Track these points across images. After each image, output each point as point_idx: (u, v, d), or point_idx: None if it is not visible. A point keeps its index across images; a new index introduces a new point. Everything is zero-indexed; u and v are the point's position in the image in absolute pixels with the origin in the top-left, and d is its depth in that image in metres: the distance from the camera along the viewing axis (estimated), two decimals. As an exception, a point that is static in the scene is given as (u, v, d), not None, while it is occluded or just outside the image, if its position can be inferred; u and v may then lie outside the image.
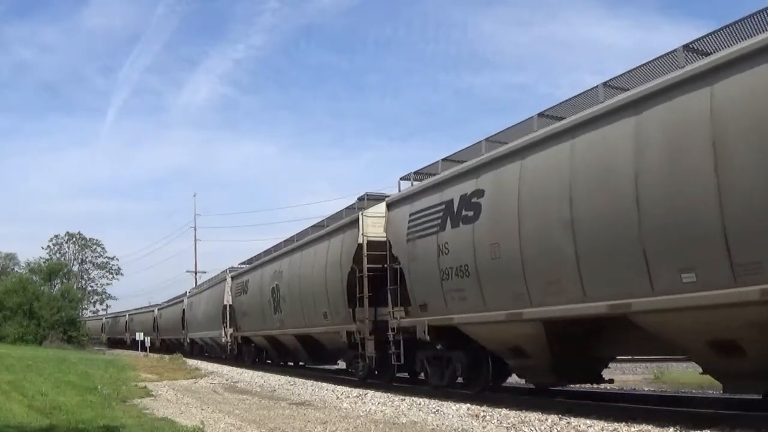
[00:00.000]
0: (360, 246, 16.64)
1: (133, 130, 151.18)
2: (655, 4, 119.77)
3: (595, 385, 13.03)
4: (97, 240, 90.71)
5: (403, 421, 10.27)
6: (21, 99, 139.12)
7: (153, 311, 54.66)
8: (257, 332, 26.42)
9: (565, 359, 11.35)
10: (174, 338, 47.13)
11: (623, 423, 8.77)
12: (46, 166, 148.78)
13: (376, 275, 16.45)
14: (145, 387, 16.84)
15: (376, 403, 12.93)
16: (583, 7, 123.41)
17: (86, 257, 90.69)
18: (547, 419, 9.58)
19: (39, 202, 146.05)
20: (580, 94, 10.99)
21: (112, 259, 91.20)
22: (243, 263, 31.53)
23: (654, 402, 11.45)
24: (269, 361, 27.67)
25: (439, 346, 14.16)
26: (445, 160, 14.28)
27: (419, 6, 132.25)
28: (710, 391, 12.07)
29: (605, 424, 8.78)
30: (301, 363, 25.83)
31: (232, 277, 31.15)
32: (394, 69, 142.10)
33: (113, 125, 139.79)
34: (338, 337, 18.11)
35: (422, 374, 15.21)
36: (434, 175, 14.59)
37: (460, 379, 14.05)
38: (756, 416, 8.38)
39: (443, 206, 13.28)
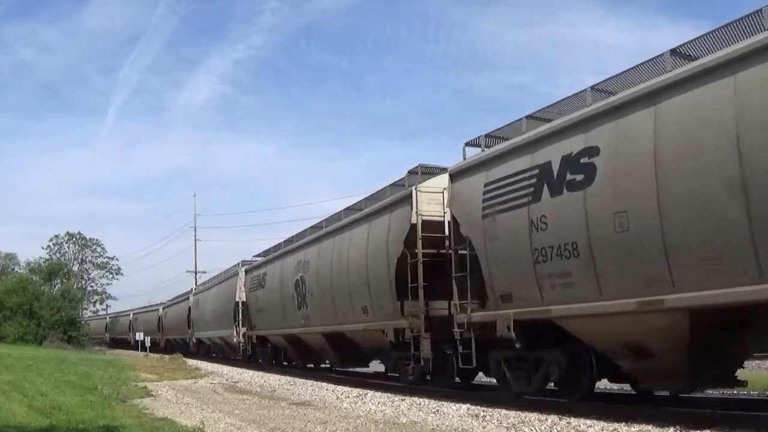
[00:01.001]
0: (413, 227, 13.72)
1: (133, 130, 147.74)
2: (655, 4, 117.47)
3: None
4: (97, 240, 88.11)
5: (403, 421, 10.03)
6: (21, 99, 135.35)
7: (158, 310, 51.26)
8: (276, 331, 23.22)
9: (701, 359, 8.75)
10: (179, 338, 43.92)
11: (623, 423, 8.54)
12: (46, 166, 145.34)
13: (429, 262, 13.64)
14: (145, 387, 16.43)
15: (376, 403, 12.51)
16: (582, 7, 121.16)
17: (86, 257, 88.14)
18: (547, 419, 9.31)
19: (39, 202, 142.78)
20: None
21: (112, 259, 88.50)
22: (257, 255, 28.24)
23: (654, 402, 10.50)
24: (286, 364, 24.55)
25: (518, 345, 11.26)
26: (530, 117, 11.41)
27: (419, 6, 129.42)
28: (710, 392, 11.27)
29: (605, 424, 8.56)
30: (325, 365, 22.86)
31: (246, 271, 27.86)
32: (394, 69, 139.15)
33: (113, 125, 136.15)
34: (380, 336, 15.24)
35: (496, 378, 12.35)
36: (506, 139, 11.83)
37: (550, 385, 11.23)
38: (756, 416, 8.08)
39: (536, 171, 10.41)
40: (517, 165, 10.86)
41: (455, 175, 12.63)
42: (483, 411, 10.48)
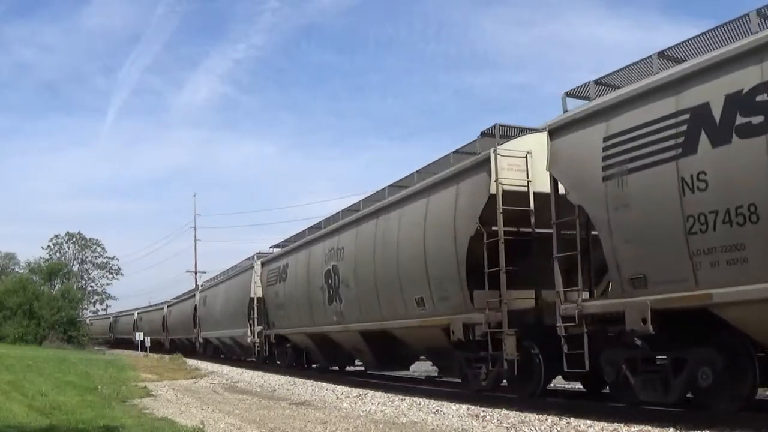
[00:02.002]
0: (492, 198, 11.05)
1: (133, 130, 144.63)
2: (656, 3, 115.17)
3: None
4: (97, 240, 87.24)
5: (403, 421, 9.85)
6: (21, 99, 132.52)
7: (162, 309, 48.01)
8: (299, 329, 20.30)
9: None
10: (185, 338, 40.64)
11: (623, 423, 8.29)
12: (46, 166, 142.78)
13: (507, 243, 11.03)
14: (145, 387, 16.17)
15: (376, 403, 12.30)
16: (583, 7, 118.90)
17: (86, 257, 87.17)
18: (547, 419, 9.11)
19: (39, 202, 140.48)
20: None
21: (112, 259, 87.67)
22: (275, 246, 25.23)
23: (654, 402, 9.38)
24: (311, 366, 21.74)
25: (639, 342, 8.66)
26: (663, 55, 8.82)
27: (419, 6, 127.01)
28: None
29: (605, 424, 8.35)
30: (356, 367, 20.16)
31: (263, 264, 24.73)
32: (395, 69, 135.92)
33: (113, 125, 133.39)
34: (437, 334, 12.59)
35: (611, 385, 9.66)
36: (616, 88, 9.27)
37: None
38: (756, 416, 7.72)
39: (686, 116, 7.80)
40: (653, 111, 8.23)
41: (557, 131, 9.89)
42: (483, 411, 10.23)
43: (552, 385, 11.85)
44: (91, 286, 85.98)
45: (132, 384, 16.84)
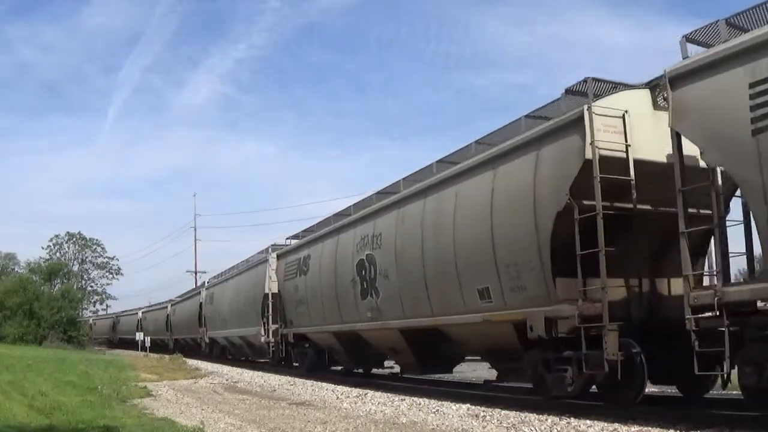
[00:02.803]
0: (587, 164, 9.05)
1: (134, 130, 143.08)
2: (657, 3, 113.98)
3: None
4: (97, 240, 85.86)
5: (403, 421, 9.71)
6: (22, 99, 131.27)
7: (166, 308, 45.83)
8: (322, 328, 18.16)
9: None
10: (189, 338, 38.56)
11: (623, 423, 8.15)
12: (46, 166, 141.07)
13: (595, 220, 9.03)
14: (145, 387, 16.15)
15: (376, 403, 12.21)
16: (584, 7, 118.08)
17: (86, 257, 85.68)
18: (547, 419, 8.93)
19: (39, 202, 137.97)
20: None
21: (112, 259, 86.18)
22: (292, 237, 22.86)
23: (654, 402, 9.71)
24: (331, 368, 19.78)
25: None
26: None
27: (421, 5, 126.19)
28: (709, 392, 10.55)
29: (605, 424, 8.18)
30: (387, 369, 18.23)
31: (279, 256, 22.43)
32: (396, 69, 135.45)
33: (114, 125, 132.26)
34: (506, 330, 10.64)
35: (747, 390, 7.72)
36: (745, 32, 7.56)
37: None
38: (756, 416, 7.55)
39: None
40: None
41: (682, 79, 7.89)
42: (483, 411, 10.15)
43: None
44: (91, 286, 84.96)
45: (132, 384, 16.73)
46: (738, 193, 8.43)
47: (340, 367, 19.61)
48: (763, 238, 6.97)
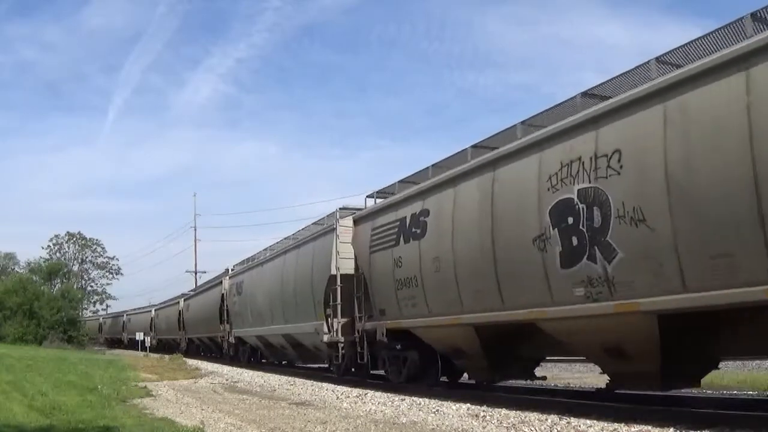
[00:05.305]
0: None
1: (134, 130, 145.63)
2: (659, 3, 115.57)
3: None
4: (97, 240, 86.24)
5: (403, 421, 9.76)
6: (23, 98, 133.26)
7: (178, 303, 42.94)
8: (459, 318, 11.97)
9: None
10: (207, 337, 33.95)
11: (623, 423, 8.15)
12: (46, 165, 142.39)
13: None
14: (145, 387, 16.02)
15: (376, 403, 12.16)
16: (586, 7, 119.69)
17: (86, 257, 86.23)
18: (547, 419, 9.00)
19: (39, 202, 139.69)
20: None
21: (112, 259, 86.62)
22: (380, 192, 16.16)
23: (654, 402, 9.93)
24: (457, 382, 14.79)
25: None
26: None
27: (423, 5, 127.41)
28: (709, 391, 11.17)
29: (605, 424, 8.23)
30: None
31: (358, 220, 16.26)
32: (397, 68, 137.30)
33: (114, 125, 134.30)
34: (638, 322, 8.43)
35: None
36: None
37: None
38: (756, 416, 7.72)
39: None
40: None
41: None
42: (483, 411, 10.14)
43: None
44: (91, 286, 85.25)
45: (132, 384, 16.65)
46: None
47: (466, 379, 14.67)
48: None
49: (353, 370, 16.83)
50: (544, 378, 12.85)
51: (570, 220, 9.26)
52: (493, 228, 10.76)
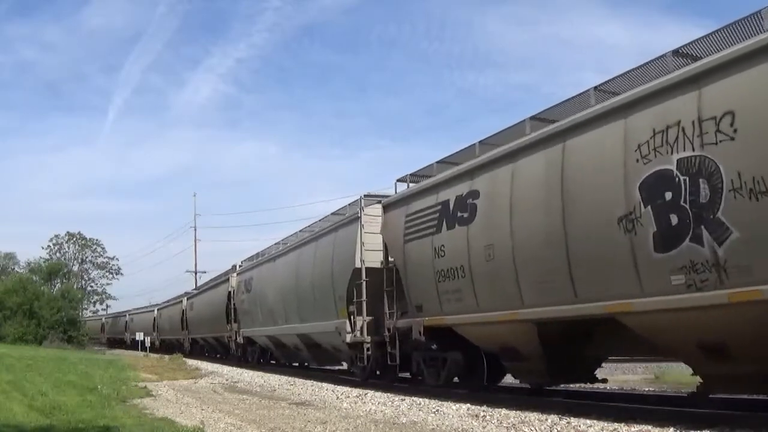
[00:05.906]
0: None
1: (134, 130, 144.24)
2: (659, 3, 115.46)
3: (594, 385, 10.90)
4: (97, 240, 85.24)
5: (403, 421, 9.75)
6: (23, 98, 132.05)
7: (181, 302, 41.94)
8: (520, 313, 10.47)
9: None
10: (212, 337, 32.58)
11: (623, 423, 8.12)
12: (46, 165, 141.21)
13: None
14: (145, 387, 16.00)
15: (376, 403, 12.15)
16: (586, 7, 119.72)
17: (86, 257, 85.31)
18: (547, 419, 8.99)
19: (39, 202, 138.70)
20: None
21: (112, 259, 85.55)
22: (413, 175, 14.30)
23: (654, 402, 10.09)
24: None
25: None
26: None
27: (423, 4, 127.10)
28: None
29: (605, 424, 8.19)
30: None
31: (388, 206, 14.65)
32: (398, 68, 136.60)
33: (114, 124, 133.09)
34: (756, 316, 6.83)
35: None
36: None
37: None
38: (756, 416, 7.60)
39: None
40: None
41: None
42: (483, 411, 10.12)
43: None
44: (91, 286, 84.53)
45: (132, 384, 16.61)
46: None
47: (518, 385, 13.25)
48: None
49: (377, 372, 15.55)
50: (605, 380, 11.41)
51: (668, 195, 7.77)
52: (564, 208, 9.19)
